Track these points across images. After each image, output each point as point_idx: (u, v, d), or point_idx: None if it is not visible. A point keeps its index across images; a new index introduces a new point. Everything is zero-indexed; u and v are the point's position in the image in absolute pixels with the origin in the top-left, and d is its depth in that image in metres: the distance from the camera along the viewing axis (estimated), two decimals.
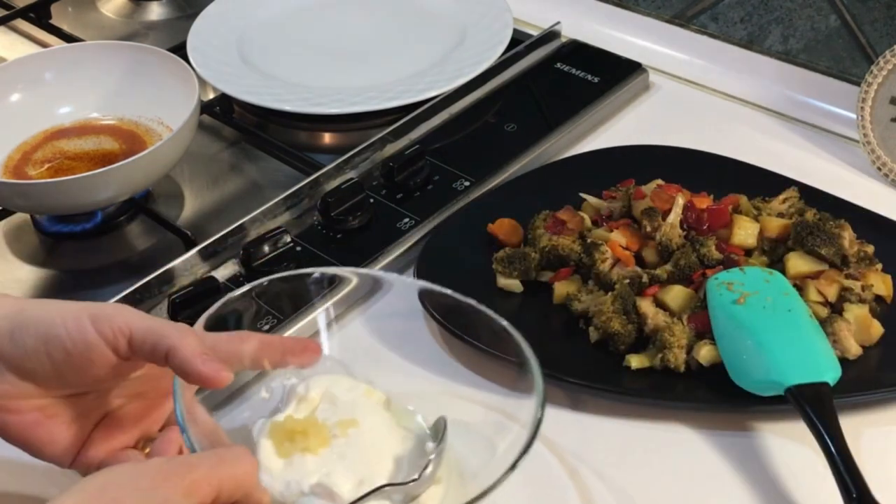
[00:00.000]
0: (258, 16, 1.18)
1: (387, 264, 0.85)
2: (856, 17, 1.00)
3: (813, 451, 0.67)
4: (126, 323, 0.60)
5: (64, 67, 1.01)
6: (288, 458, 0.63)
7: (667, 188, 0.85)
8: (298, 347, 0.68)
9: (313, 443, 0.63)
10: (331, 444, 0.64)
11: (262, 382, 0.71)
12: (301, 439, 0.64)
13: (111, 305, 0.62)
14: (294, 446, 0.63)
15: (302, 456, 0.63)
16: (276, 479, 0.62)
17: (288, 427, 0.64)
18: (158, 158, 0.87)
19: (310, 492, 0.62)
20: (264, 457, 0.63)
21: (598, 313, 0.76)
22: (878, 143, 0.94)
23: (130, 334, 0.60)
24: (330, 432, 0.64)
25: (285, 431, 0.64)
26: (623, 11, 1.16)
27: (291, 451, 0.63)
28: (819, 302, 0.77)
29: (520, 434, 0.63)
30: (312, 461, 0.63)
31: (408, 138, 0.98)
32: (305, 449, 0.63)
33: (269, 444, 0.64)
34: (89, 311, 0.61)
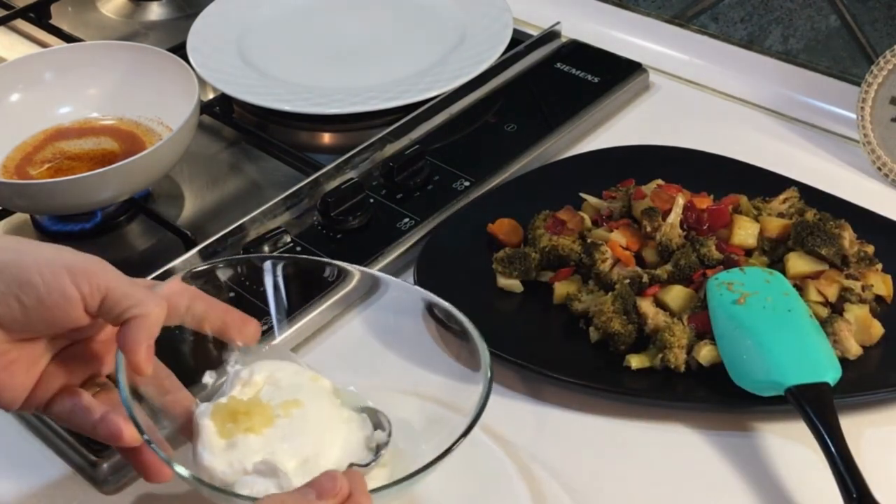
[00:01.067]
0: (258, 16, 1.18)
1: (387, 264, 0.85)
2: (856, 17, 1.00)
3: (813, 451, 0.67)
4: (101, 281, 0.59)
5: (64, 67, 1.00)
6: (231, 438, 0.62)
7: (667, 188, 0.85)
8: (239, 321, 0.68)
9: (256, 422, 0.63)
10: (274, 424, 0.63)
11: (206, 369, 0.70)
12: (244, 419, 0.63)
13: (92, 260, 0.61)
14: (237, 427, 0.63)
15: (245, 436, 0.62)
16: (219, 459, 0.61)
17: (231, 408, 0.64)
18: (158, 158, 0.87)
19: (253, 470, 0.61)
20: (206, 438, 0.62)
21: (598, 313, 0.76)
22: (879, 143, 0.94)
23: (105, 294, 0.59)
24: (273, 412, 0.64)
25: (228, 412, 0.63)
26: (623, 11, 1.16)
27: (234, 432, 0.63)
28: (819, 302, 0.77)
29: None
30: (256, 441, 0.62)
31: (408, 138, 0.98)
32: (248, 429, 0.63)
33: (212, 424, 0.63)
34: (66, 264, 0.60)
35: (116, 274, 0.61)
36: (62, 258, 0.60)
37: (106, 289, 0.60)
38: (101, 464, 0.70)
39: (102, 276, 0.60)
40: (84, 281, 0.59)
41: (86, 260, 0.61)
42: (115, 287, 0.60)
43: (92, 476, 0.70)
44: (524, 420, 0.74)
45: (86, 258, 0.61)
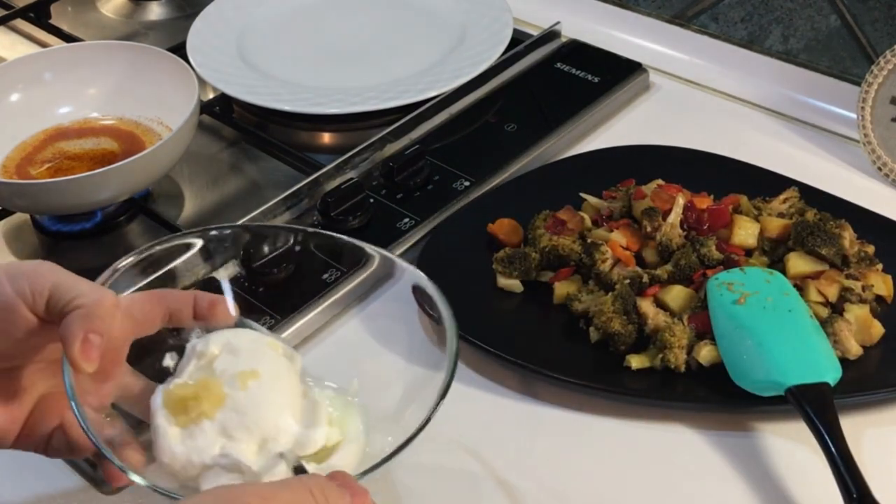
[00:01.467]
0: (258, 16, 1.18)
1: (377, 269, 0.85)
2: (856, 17, 1.00)
3: (813, 451, 0.67)
4: (46, 280, 0.57)
5: (64, 67, 1.00)
6: (186, 427, 0.60)
7: (667, 188, 0.85)
8: (207, 303, 0.65)
9: (207, 406, 0.60)
10: (225, 402, 0.60)
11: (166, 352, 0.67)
12: (194, 406, 0.60)
13: (29, 263, 0.59)
14: (189, 416, 0.60)
15: (198, 424, 0.60)
16: (177, 454, 0.59)
17: (179, 395, 0.61)
18: (158, 158, 0.87)
19: (213, 464, 0.59)
20: (163, 430, 0.60)
21: (598, 313, 0.76)
22: (879, 143, 0.94)
23: (51, 291, 0.57)
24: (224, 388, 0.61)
25: (177, 401, 0.61)
26: (623, 11, 1.16)
27: (188, 422, 0.60)
28: (819, 302, 0.77)
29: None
30: (210, 427, 0.59)
31: (408, 138, 0.98)
32: (201, 414, 0.60)
33: (166, 414, 0.60)
34: (6, 271, 0.58)
35: (64, 273, 0.59)
36: (3, 267, 0.58)
37: (51, 287, 0.57)
38: (100, 465, 0.69)
39: (47, 276, 0.58)
40: (24, 283, 0.57)
41: (27, 264, 0.59)
42: (60, 283, 0.57)
43: (92, 477, 0.70)
44: (524, 420, 0.74)
45: (28, 263, 0.59)
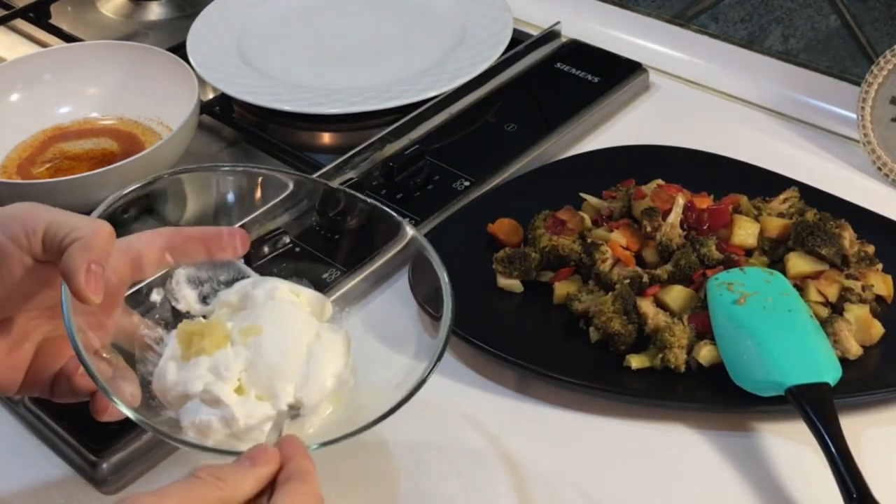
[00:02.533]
0: (258, 16, 1.18)
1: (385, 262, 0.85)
2: (856, 17, 1.00)
3: (813, 451, 0.67)
4: (38, 220, 0.56)
5: (64, 67, 1.01)
6: (187, 361, 0.62)
7: (667, 188, 0.85)
8: (224, 236, 0.65)
9: (208, 343, 0.61)
10: (227, 346, 0.62)
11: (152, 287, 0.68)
12: (197, 341, 0.62)
13: (19, 205, 0.58)
14: (190, 350, 0.62)
15: (197, 358, 0.61)
16: (168, 382, 0.61)
17: (188, 330, 0.62)
18: (158, 158, 0.87)
19: (196, 396, 0.60)
20: (164, 358, 0.62)
21: (598, 313, 0.76)
22: (879, 143, 0.94)
23: (45, 230, 0.56)
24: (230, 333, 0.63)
25: (186, 334, 0.62)
26: (623, 11, 1.16)
27: (188, 356, 0.62)
28: (819, 302, 0.77)
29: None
30: (204, 363, 0.61)
31: (408, 138, 0.98)
32: (200, 350, 0.61)
33: (175, 345, 0.62)
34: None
35: (52, 210, 0.57)
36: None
37: (44, 225, 0.56)
38: (100, 464, 0.70)
39: (34, 215, 0.56)
40: (16, 226, 0.56)
41: (16, 207, 0.58)
42: (52, 220, 0.56)
43: (91, 476, 0.70)
44: (524, 420, 0.74)
45: (16, 205, 0.58)
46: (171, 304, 0.67)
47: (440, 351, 0.64)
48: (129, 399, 0.59)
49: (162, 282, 0.67)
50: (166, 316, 0.67)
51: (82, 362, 0.56)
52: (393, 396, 0.62)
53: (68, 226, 0.56)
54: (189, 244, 0.64)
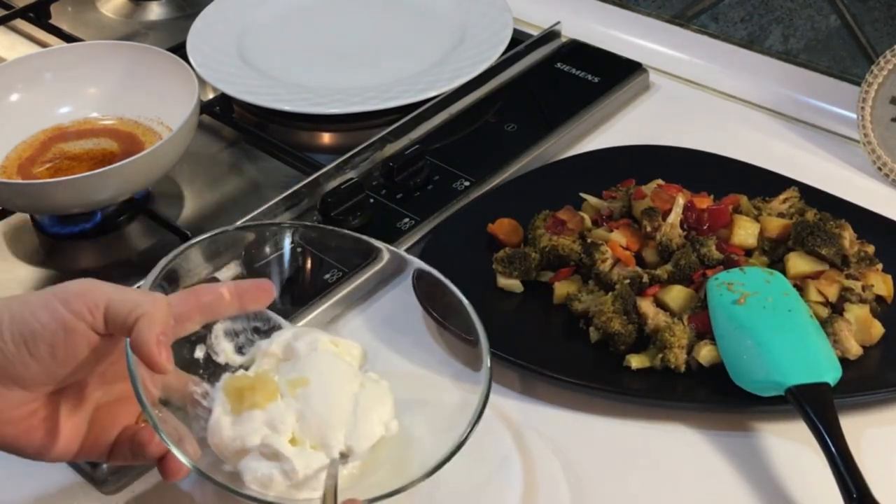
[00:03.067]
0: (258, 16, 1.18)
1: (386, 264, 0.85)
2: (856, 17, 1.00)
3: (813, 451, 0.67)
4: (100, 296, 0.59)
5: (64, 67, 1.00)
6: (239, 415, 0.63)
7: (667, 188, 0.85)
8: (253, 289, 0.68)
9: (260, 397, 0.63)
10: (278, 398, 0.64)
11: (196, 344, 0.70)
12: (249, 396, 0.63)
13: (79, 282, 0.60)
14: (243, 405, 0.63)
15: (250, 412, 0.63)
16: (225, 438, 0.62)
17: (237, 385, 0.64)
18: (158, 158, 0.87)
19: (254, 450, 0.62)
20: (217, 415, 0.64)
21: (598, 313, 0.76)
22: (879, 143, 0.94)
23: (106, 306, 0.59)
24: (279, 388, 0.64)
25: (235, 390, 0.64)
26: (623, 11, 1.16)
27: (241, 410, 0.63)
28: (819, 302, 0.77)
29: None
30: (259, 416, 0.63)
31: (408, 138, 0.98)
32: (254, 405, 0.63)
33: (224, 401, 0.64)
34: (58, 296, 0.59)
35: (110, 286, 0.60)
36: (54, 294, 0.59)
37: (105, 303, 0.59)
38: (100, 464, 0.70)
39: (95, 292, 0.59)
40: (80, 303, 0.58)
41: (74, 284, 0.60)
42: (112, 298, 0.59)
43: (92, 476, 0.70)
44: (524, 420, 0.74)
45: (74, 283, 0.60)
46: (213, 359, 0.69)
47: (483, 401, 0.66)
48: (192, 456, 0.62)
49: (203, 338, 0.69)
50: (209, 371, 0.69)
51: (154, 427, 0.59)
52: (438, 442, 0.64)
53: (129, 302, 0.59)
54: (222, 300, 0.66)
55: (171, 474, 0.63)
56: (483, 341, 0.69)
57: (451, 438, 0.64)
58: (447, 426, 0.66)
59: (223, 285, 0.67)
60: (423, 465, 0.63)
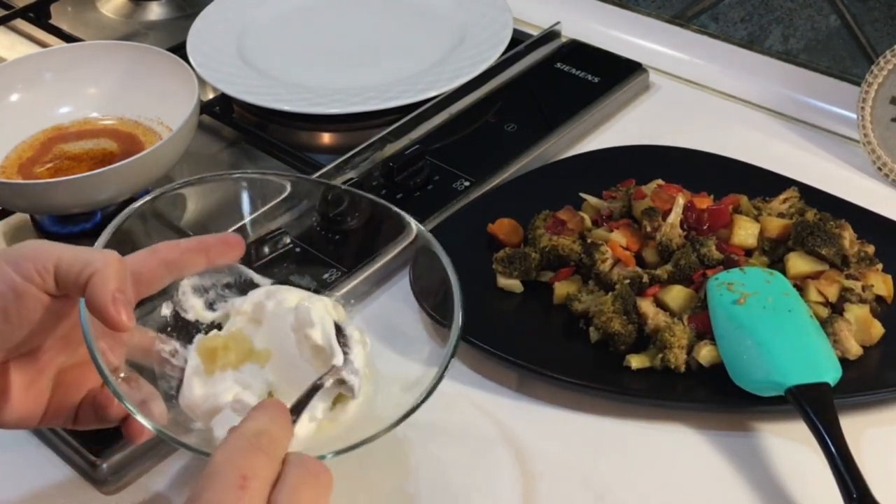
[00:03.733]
0: (258, 16, 1.18)
1: (385, 263, 0.85)
2: (856, 17, 1.00)
3: (813, 452, 0.67)
4: (48, 257, 0.58)
5: (64, 67, 1.00)
6: (211, 375, 0.63)
7: (667, 188, 0.85)
8: (219, 243, 0.66)
9: (233, 357, 0.63)
10: (252, 358, 0.64)
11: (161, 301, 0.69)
12: (223, 355, 0.63)
13: (28, 243, 0.59)
14: (215, 364, 0.63)
15: (223, 372, 0.63)
16: (196, 397, 0.62)
17: (210, 346, 0.64)
18: (158, 158, 0.87)
19: (227, 408, 0.62)
20: (188, 375, 0.63)
21: (598, 313, 0.76)
22: (879, 143, 0.94)
23: (56, 267, 0.58)
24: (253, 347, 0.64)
25: (209, 350, 0.64)
26: (623, 11, 1.16)
27: (213, 370, 0.63)
28: (819, 302, 0.77)
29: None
30: (231, 376, 0.63)
31: (408, 138, 0.98)
32: (226, 364, 0.63)
33: (197, 361, 0.64)
34: (7, 259, 0.58)
35: (61, 246, 0.59)
36: (2, 257, 0.58)
37: (55, 263, 0.58)
38: (100, 464, 0.70)
39: (44, 253, 0.58)
40: (28, 266, 0.57)
41: (24, 246, 0.59)
42: (62, 257, 0.58)
43: (92, 476, 0.70)
44: (524, 420, 0.74)
45: (23, 244, 0.60)
46: (182, 316, 0.68)
47: (451, 351, 0.65)
48: (158, 418, 0.61)
49: (170, 295, 0.68)
50: (177, 328, 0.68)
51: (113, 391, 0.58)
52: (404, 400, 0.63)
53: (79, 261, 0.58)
54: (186, 256, 0.65)
55: (133, 436, 0.63)
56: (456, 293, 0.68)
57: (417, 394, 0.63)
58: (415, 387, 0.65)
59: (186, 241, 0.66)
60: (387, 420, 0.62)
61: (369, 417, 0.64)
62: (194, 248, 0.65)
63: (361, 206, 0.80)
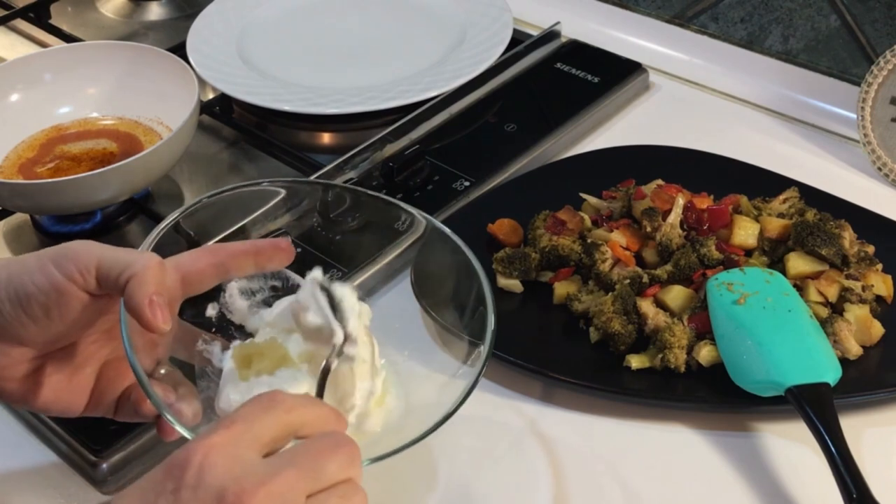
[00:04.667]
0: (258, 15, 1.18)
1: (386, 264, 0.85)
2: (856, 17, 1.00)
3: (813, 452, 0.67)
4: (90, 258, 0.59)
5: (64, 67, 1.00)
6: (247, 380, 0.63)
7: (667, 188, 0.85)
8: (270, 248, 0.67)
9: (269, 363, 0.63)
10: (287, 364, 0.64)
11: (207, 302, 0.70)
12: (258, 361, 0.64)
13: (73, 244, 0.61)
14: (251, 370, 0.63)
15: (258, 378, 0.63)
16: (233, 402, 0.62)
17: (246, 352, 0.64)
18: (158, 158, 0.87)
19: None
20: (225, 379, 0.63)
21: (598, 313, 0.76)
22: (879, 143, 0.94)
23: (97, 267, 0.59)
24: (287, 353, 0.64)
25: (244, 356, 0.64)
26: (623, 11, 1.16)
27: (248, 375, 0.63)
28: (819, 302, 0.77)
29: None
30: (267, 382, 0.63)
31: (408, 138, 0.98)
32: (261, 370, 0.63)
33: (233, 366, 0.64)
34: (52, 258, 0.60)
35: (102, 247, 0.60)
36: (47, 255, 0.60)
37: (96, 264, 0.59)
38: (100, 464, 0.70)
39: (86, 254, 0.59)
40: (71, 266, 0.59)
41: (66, 246, 0.61)
42: (103, 259, 0.59)
43: (91, 476, 0.70)
44: (523, 420, 0.74)
45: (65, 245, 0.61)
46: (227, 317, 0.69)
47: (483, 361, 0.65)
48: (190, 419, 0.62)
49: (216, 296, 0.69)
50: (222, 329, 0.69)
51: (146, 392, 0.59)
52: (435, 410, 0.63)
53: (120, 262, 0.59)
54: (237, 259, 0.66)
55: (166, 434, 0.64)
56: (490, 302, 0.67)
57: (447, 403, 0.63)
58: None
59: (238, 244, 0.67)
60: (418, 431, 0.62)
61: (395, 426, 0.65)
62: (245, 251, 0.66)
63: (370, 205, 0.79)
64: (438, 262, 0.76)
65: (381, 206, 0.77)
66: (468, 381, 0.64)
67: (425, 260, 0.83)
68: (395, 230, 0.87)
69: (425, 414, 0.63)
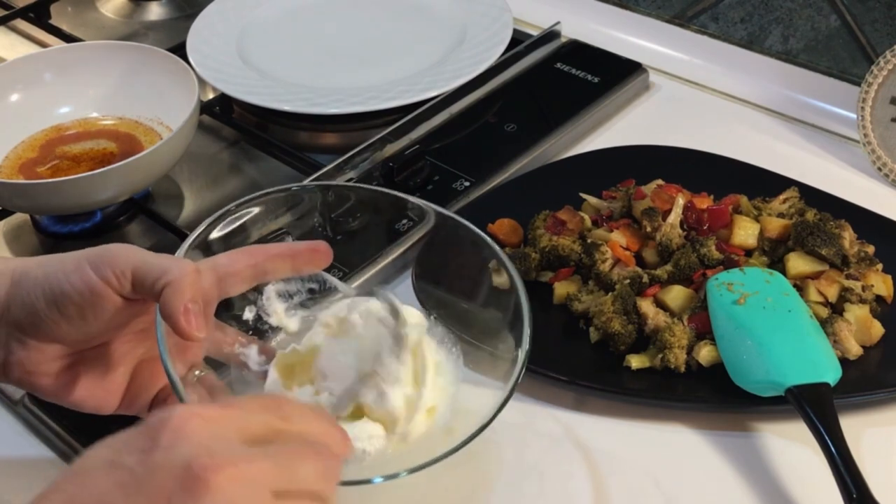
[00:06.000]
0: (258, 15, 1.18)
1: (387, 264, 0.85)
2: (856, 18, 1.00)
3: (813, 452, 0.67)
4: (127, 262, 0.60)
5: (64, 67, 1.00)
6: (290, 390, 0.64)
7: (667, 188, 0.85)
8: (307, 251, 0.67)
9: (311, 373, 0.64)
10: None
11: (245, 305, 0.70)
12: (301, 371, 0.64)
13: (111, 247, 0.61)
14: (293, 380, 0.64)
15: (301, 387, 0.63)
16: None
17: (288, 361, 0.64)
18: (158, 158, 0.87)
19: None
20: (268, 389, 0.64)
21: (598, 313, 0.76)
22: (879, 143, 0.94)
23: (134, 272, 0.60)
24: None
25: (286, 365, 0.64)
26: (623, 11, 1.16)
27: (292, 385, 0.64)
28: (819, 302, 0.77)
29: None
30: (310, 391, 0.63)
31: (408, 138, 0.98)
32: (305, 381, 0.63)
33: (276, 376, 0.64)
34: (89, 259, 0.60)
35: (140, 252, 0.61)
36: (85, 257, 0.60)
37: (132, 268, 0.60)
38: None
39: (123, 258, 0.60)
40: (106, 268, 0.59)
41: (105, 249, 0.61)
42: (140, 263, 0.60)
43: None
44: (522, 420, 0.74)
45: (105, 247, 0.61)
46: (264, 320, 0.69)
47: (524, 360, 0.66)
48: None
49: (254, 299, 0.69)
50: (259, 332, 0.69)
51: (178, 396, 0.59)
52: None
53: (157, 269, 0.59)
54: (274, 261, 0.66)
55: None
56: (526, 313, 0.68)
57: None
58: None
59: (275, 246, 0.67)
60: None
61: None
62: (282, 253, 0.66)
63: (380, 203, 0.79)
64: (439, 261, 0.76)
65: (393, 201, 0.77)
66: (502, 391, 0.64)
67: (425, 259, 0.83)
68: (396, 230, 0.87)
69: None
